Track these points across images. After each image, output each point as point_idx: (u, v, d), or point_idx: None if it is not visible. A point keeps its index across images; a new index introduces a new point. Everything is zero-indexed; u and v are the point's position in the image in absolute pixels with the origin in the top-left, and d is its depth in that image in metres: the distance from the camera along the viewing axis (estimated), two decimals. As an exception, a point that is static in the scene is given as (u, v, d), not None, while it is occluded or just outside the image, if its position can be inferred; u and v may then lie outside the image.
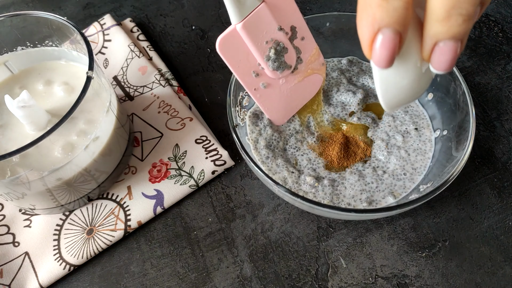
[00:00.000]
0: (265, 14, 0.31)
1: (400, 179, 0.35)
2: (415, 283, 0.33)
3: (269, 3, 0.30)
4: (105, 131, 0.35)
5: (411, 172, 0.35)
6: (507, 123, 0.41)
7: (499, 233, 0.35)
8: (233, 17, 0.30)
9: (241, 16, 0.30)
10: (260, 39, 0.31)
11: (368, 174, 0.35)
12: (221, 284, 0.34)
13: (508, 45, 0.47)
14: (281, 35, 0.32)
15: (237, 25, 0.30)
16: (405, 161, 0.36)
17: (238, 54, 0.32)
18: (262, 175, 0.30)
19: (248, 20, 0.30)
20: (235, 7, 0.29)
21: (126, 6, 0.54)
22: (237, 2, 0.29)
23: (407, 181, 0.35)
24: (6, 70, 0.38)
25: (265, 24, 0.31)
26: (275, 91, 0.36)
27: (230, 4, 0.29)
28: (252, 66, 0.33)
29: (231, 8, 0.29)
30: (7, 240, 0.37)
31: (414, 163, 0.36)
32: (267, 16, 0.31)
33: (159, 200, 0.38)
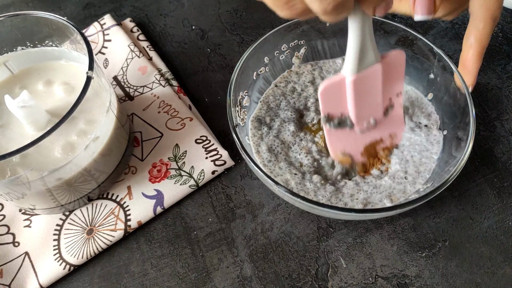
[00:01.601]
0: (376, 76, 0.31)
1: (401, 183, 0.35)
2: (415, 283, 0.33)
3: (384, 66, 0.30)
4: (105, 131, 0.35)
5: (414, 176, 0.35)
6: (507, 123, 0.41)
7: (499, 233, 0.35)
8: (349, 66, 0.29)
9: (355, 70, 0.29)
10: (359, 97, 0.31)
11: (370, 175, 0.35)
12: (221, 284, 0.34)
13: (508, 45, 0.47)
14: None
15: (347, 77, 0.30)
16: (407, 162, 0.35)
17: (335, 100, 0.32)
18: (262, 175, 0.30)
19: (360, 76, 0.30)
20: (356, 59, 0.29)
21: (126, 6, 0.54)
22: (360, 55, 0.28)
23: (408, 184, 0.34)
24: (6, 70, 0.38)
25: (370, 87, 0.31)
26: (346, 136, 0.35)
27: (353, 54, 0.28)
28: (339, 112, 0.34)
29: (352, 58, 0.29)
30: (7, 240, 0.37)
31: (418, 166, 0.35)
32: (377, 80, 0.31)
33: (159, 200, 0.38)
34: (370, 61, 0.29)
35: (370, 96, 0.32)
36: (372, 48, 0.28)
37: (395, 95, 0.34)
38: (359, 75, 0.30)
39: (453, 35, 0.48)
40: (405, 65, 0.32)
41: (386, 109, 0.34)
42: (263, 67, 0.39)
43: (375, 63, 0.30)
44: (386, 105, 0.34)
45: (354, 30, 0.27)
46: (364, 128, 0.35)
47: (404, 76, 0.33)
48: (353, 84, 0.30)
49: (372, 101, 0.33)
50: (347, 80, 0.30)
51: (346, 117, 0.34)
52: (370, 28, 0.27)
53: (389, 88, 0.33)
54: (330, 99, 0.32)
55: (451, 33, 0.48)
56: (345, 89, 0.31)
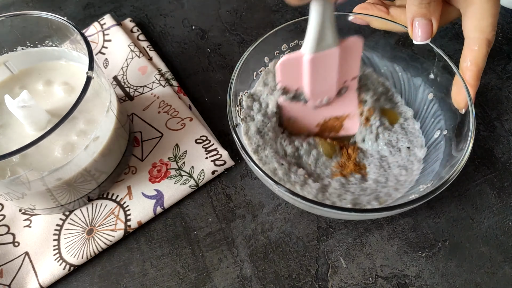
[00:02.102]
0: (332, 59, 0.32)
1: (385, 186, 0.35)
2: (415, 283, 0.33)
3: (341, 51, 0.32)
4: (105, 131, 0.35)
5: (394, 182, 0.35)
6: (507, 123, 0.41)
7: (499, 233, 0.35)
8: (307, 45, 0.31)
9: (313, 49, 0.31)
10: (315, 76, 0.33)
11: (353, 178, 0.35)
12: (221, 284, 0.34)
13: (508, 45, 0.47)
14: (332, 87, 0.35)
15: (306, 55, 0.32)
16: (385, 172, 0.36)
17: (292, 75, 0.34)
18: (262, 175, 0.30)
19: (317, 55, 0.32)
20: (314, 40, 0.31)
21: (126, 6, 0.54)
22: (319, 36, 0.30)
23: (392, 190, 0.34)
24: (6, 70, 0.38)
25: (326, 68, 0.33)
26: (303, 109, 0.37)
27: (312, 35, 0.30)
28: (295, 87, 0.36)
29: (311, 38, 0.31)
30: (7, 240, 0.37)
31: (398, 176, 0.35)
32: (333, 62, 0.33)
33: (159, 200, 0.38)
34: (328, 44, 0.31)
35: (325, 76, 0.34)
36: (331, 32, 0.30)
37: (350, 78, 0.36)
38: (316, 55, 0.32)
39: (453, 35, 0.48)
40: (361, 52, 0.34)
41: (339, 90, 0.36)
42: (263, 67, 0.39)
43: (332, 47, 0.32)
44: (340, 87, 0.36)
45: (315, 13, 0.29)
46: (317, 104, 0.36)
47: (360, 62, 0.35)
48: (310, 62, 0.32)
49: (326, 81, 0.34)
50: (304, 58, 0.32)
51: (301, 92, 0.35)
52: (331, 12, 0.29)
53: (345, 71, 0.34)
54: (287, 73, 0.34)
55: (451, 33, 0.48)
56: (301, 66, 0.33)
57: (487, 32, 0.31)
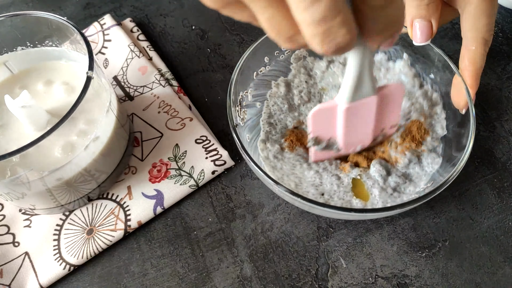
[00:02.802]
0: (370, 107, 0.30)
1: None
2: (415, 283, 0.33)
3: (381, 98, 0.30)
4: (105, 131, 0.35)
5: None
6: (507, 123, 0.41)
7: (499, 233, 0.35)
8: (344, 95, 0.29)
9: (349, 99, 0.29)
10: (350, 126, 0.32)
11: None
12: (221, 284, 0.34)
13: (508, 45, 0.47)
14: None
15: (340, 105, 0.30)
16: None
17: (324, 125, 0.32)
18: (262, 175, 0.30)
19: (353, 105, 0.30)
20: (352, 89, 0.28)
21: (126, 6, 0.54)
22: (356, 85, 0.28)
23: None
24: (6, 70, 0.38)
25: (362, 117, 0.31)
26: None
27: (349, 84, 0.28)
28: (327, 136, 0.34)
29: (348, 87, 0.28)
30: (7, 240, 0.37)
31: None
32: (370, 110, 0.31)
33: (159, 200, 0.38)
34: (366, 92, 0.29)
35: (361, 126, 0.32)
36: (369, 79, 0.28)
37: (388, 126, 0.34)
38: (353, 104, 0.30)
39: (453, 35, 0.48)
40: (402, 99, 0.32)
41: (375, 138, 0.35)
42: (263, 67, 0.39)
43: (371, 95, 0.29)
44: (377, 134, 0.34)
45: (354, 62, 0.26)
46: (350, 152, 0.35)
47: (400, 109, 0.33)
48: (346, 113, 0.30)
49: (362, 131, 0.33)
50: (340, 108, 0.30)
51: (333, 141, 0.34)
52: (371, 60, 0.27)
53: (383, 118, 0.33)
54: (320, 123, 0.32)
55: (451, 33, 0.48)
56: (335, 115, 0.31)
57: (484, 32, 0.32)
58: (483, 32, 0.32)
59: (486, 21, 0.31)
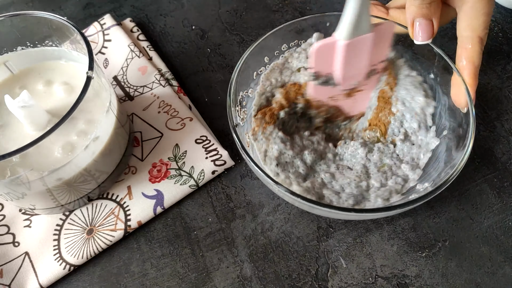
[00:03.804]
0: (366, 44, 0.32)
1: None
2: (415, 283, 0.33)
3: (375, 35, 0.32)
4: (105, 131, 0.35)
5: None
6: (507, 123, 0.41)
7: (499, 233, 0.35)
8: (344, 31, 0.31)
9: (349, 36, 0.31)
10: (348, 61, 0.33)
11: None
12: (221, 284, 0.34)
13: (508, 45, 0.47)
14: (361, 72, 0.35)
15: (340, 40, 0.32)
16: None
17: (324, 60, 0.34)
18: (262, 174, 0.30)
19: (352, 41, 0.31)
20: (351, 26, 0.30)
21: (126, 6, 0.54)
22: (356, 22, 0.30)
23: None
24: (6, 70, 0.38)
25: (359, 53, 0.33)
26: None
27: (349, 21, 0.30)
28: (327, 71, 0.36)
29: (348, 24, 0.30)
30: (7, 240, 0.37)
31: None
32: (366, 47, 0.33)
33: (159, 200, 0.38)
34: (363, 30, 0.31)
35: (357, 61, 0.34)
36: (367, 17, 0.30)
37: (378, 62, 0.36)
38: (352, 41, 0.31)
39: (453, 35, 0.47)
40: (392, 36, 0.34)
41: (369, 74, 0.36)
42: (263, 67, 0.39)
43: (367, 32, 0.31)
44: (369, 70, 0.36)
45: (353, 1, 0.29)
46: (346, 88, 0.37)
47: (390, 46, 0.35)
48: (345, 48, 0.32)
49: (358, 66, 0.35)
50: (339, 44, 0.32)
51: (331, 76, 0.35)
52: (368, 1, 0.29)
53: (375, 55, 0.34)
54: (320, 59, 0.34)
55: (451, 33, 0.48)
56: (334, 51, 0.33)
57: (479, 31, 0.32)
58: (479, 31, 0.32)
59: (482, 20, 0.32)
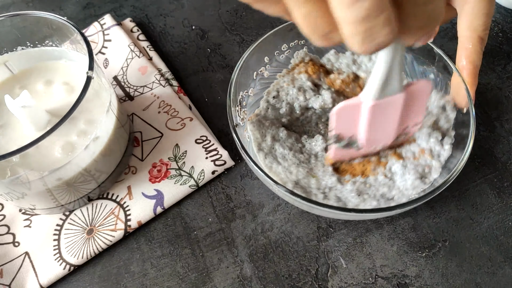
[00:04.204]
0: (395, 105, 0.29)
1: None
2: (415, 283, 0.33)
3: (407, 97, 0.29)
4: (105, 131, 0.35)
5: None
6: (507, 123, 0.41)
7: (499, 233, 0.35)
8: (370, 93, 0.28)
9: (375, 97, 0.28)
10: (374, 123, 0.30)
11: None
12: (221, 284, 0.34)
13: (508, 45, 0.47)
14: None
15: (366, 102, 0.28)
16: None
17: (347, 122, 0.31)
18: (262, 175, 0.30)
19: (379, 103, 0.28)
20: (380, 86, 0.27)
21: (126, 6, 0.54)
22: (385, 82, 0.27)
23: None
24: (6, 70, 0.38)
25: (387, 115, 0.30)
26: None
27: (378, 81, 0.27)
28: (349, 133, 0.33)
29: (376, 84, 0.27)
30: (7, 240, 0.37)
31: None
32: (395, 108, 0.29)
33: (159, 200, 0.38)
34: (393, 90, 0.28)
35: (385, 124, 0.31)
36: (398, 76, 0.27)
37: (412, 124, 0.33)
38: (379, 102, 0.28)
39: (453, 35, 0.48)
40: (428, 97, 0.31)
41: (398, 137, 0.33)
42: (263, 67, 0.39)
43: (398, 92, 0.28)
44: (399, 133, 0.33)
45: (386, 58, 0.25)
46: (371, 151, 0.34)
47: (425, 107, 0.32)
48: (371, 110, 0.29)
49: (385, 129, 0.32)
50: (364, 105, 0.29)
51: (355, 139, 0.33)
52: (402, 56, 0.25)
53: (408, 116, 0.31)
54: (343, 120, 0.31)
55: (451, 33, 0.48)
56: (359, 113, 0.30)
57: (480, 31, 0.32)
58: (480, 31, 0.32)
59: (483, 20, 0.32)
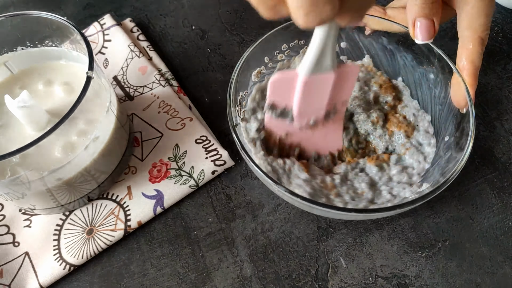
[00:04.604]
0: (327, 83, 0.31)
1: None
2: (415, 283, 0.33)
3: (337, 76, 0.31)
4: (105, 131, 0.35)
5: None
6: (507, 123, 0.41)
7: (499, 233, 0.35)
8: (305, 67, 0.30)
9: (309, 71, 0.30)
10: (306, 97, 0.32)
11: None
12: (221, 284, 0.34)
13: (508, 45, 0.47)
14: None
15: (300, 76, 0.31)
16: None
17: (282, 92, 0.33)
18: (262, 175, 0.30)
19: (312, 78, 0.30)
20: (313, 62, 0.29)
21: (126, 6, 0.54)
22: (318, 59, 0.29)
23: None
24: (6, 70, 0.38)
25: (318, 90, 0.32)
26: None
27: (311, 57, 0.29)
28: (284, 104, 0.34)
29: (310, 60, 0.29)
30: (7, 240, 0.37)
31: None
32: (326, 85, 0.32)
33: (159, 200, 0.38)
34: (326, 67, 0.30)
35: (316, 98, 0.33)
36: (331, 55, 0.29)
37: (340, 102, 0.35)
38: (312, 77, 0.30)
39: (453, 35, 0.48)
40: (356, 79, 0.33)
41: (328, 113, 0.35)
42: (263, 67, 0.39)
43: (330, 71, 0.30)
44: (329, 109, 0.35)
45: (320, 35, 0.27)
46: (303, 125, 0.35)
47: (353, 88, 0.34)
48: (304, 84, 0.31)
49: (317, 103, 0.33)
50: (299, 78, 0.31)
51: (289, 110, 0.35)
52: (335, 36, 0.28)
53: (337, 95, 0.33)
54: (278, 89, 0.33)
55: (451, 33, 0.48)
56: (294, 84, 0.32)
57: (480, 31, 0.32)
58: (480, 31, 0.32)
59: (483, 21, 0.32)
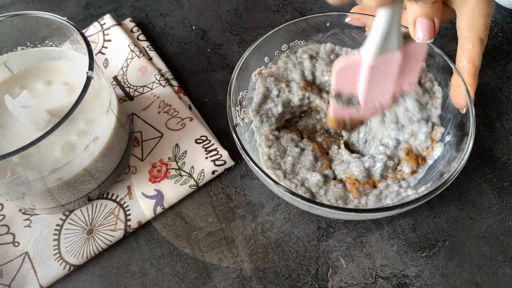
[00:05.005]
0: (394, 63, 0.30)
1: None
2: (415, 283, 0.33)
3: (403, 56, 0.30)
4: (105, 131, 0.35)
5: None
6: (507, 123, 0.41)
7: (499, 233, 0.35)
8: (371, 48, 0.29)
9: (376, 53, 0.29)
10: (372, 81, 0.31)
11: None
12: (221, 284, 0.34)
13: (508, 45, 0.47)
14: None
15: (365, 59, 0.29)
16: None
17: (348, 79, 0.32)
18: (262, 174, 0.30)
19: (378, 61, 0.29)
20: (379, 44, 0.28)
21: (126, 6, 0.54)
22: (384, 40, 0.28)
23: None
24: (6, 70, 0.38)
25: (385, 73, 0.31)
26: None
27: (377, 39, 0.28)
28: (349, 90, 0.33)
29: (376, 42, 0.28)
30: (7, 240, 0.37)
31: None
32: (393, 66, 0.30)
33: (159, 200, 0.38)
34: (392, 47, 0.29)
35: (383, 82, 0.32)
36: (397, 34, 0.28)
37: (407, 83, 0.34)
38: (378, 60, 0.29)
39: (453, 35, 0.48)
40: (424, 57, 0.32)
41: (395, 96, 0.34)
42: (263, 67, 0.39)
43: (396, 50, 0.29)
44: (395, 93, 0.34)
45: (386, 15, 0.26)
46: (369, 109, 0.35)
47: (421, 67, 0.33)
48: (370, 68, 0.30)
49: (383, 87, 0.32)
50: (364, 62, 0.30)
51: (354, 97, 0.33)
52: (400, 15, 0.27)
53: (403, 76, 0.32)
54: (344, 78, 0.32)
55: (451, 33, 0.48)
56: (359, 69, 0.31)
57: (480, 31, 0.32)
58: (480, 31, 0.32)
59: (483, 21, 0.32)
